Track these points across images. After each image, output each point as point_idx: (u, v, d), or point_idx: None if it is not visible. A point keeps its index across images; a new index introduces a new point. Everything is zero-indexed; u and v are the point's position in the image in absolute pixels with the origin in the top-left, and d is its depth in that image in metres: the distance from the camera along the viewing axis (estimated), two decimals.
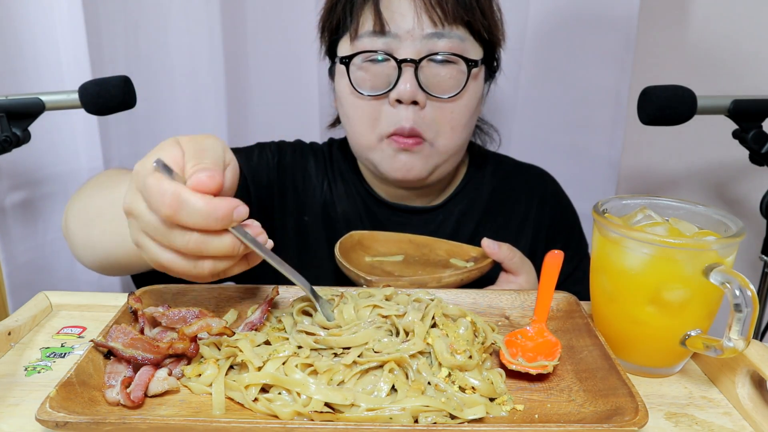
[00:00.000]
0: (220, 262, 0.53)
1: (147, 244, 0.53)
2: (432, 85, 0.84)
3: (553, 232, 1.02)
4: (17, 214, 1.21)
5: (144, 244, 0.53)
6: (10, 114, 0.92)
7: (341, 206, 0.99)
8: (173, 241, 0.51)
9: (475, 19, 0.84)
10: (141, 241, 0.53)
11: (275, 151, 1.01)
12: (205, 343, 0.58)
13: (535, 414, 0.51)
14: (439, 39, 0.83)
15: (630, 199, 0.63)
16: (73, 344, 0.62)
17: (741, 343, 0.50)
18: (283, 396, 0.51)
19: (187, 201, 0.48)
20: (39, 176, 1.23)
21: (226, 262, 0.53)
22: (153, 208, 0.50)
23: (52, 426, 0.45)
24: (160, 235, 0.51)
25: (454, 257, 0.86)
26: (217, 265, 0.53)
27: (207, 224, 0.49)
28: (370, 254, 0.86)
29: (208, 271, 0.52)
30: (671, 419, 0.52)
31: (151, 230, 0.51)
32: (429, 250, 0.88)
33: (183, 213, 0.48)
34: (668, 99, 0.95)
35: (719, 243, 0.54)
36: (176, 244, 0.51)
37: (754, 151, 0.98)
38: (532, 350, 0.58)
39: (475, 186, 1.02)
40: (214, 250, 0.51)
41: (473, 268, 0.78)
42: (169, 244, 0.51)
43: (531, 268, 0.82)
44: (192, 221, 0.49)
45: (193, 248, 0.50)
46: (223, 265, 0.53)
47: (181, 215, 0.49)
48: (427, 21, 0.82)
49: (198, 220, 0.49)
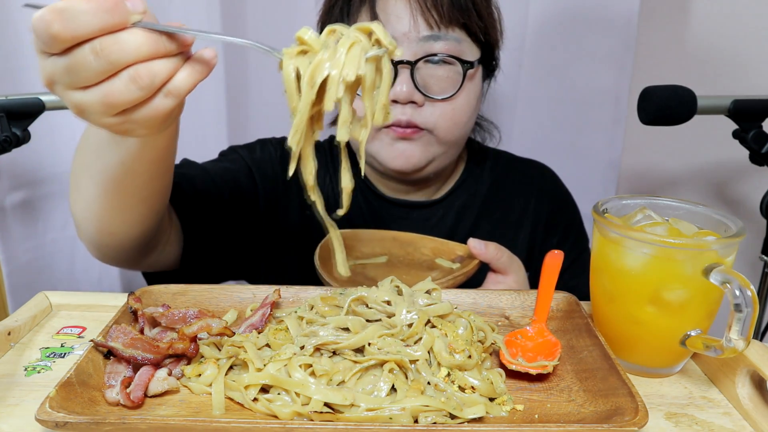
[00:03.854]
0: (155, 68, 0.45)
1: (77, 98, 0.46)
2: (428, 85, 0.85)
3: (551, 224, 1.02)
4: (17, 214, 1.21)
5: (78, 102, 0.46)
6: (10, 114, 0.92)
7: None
8: (85, 64, 0.44)
9: (471, 22, 0.84)
10: (76, 102, 0.47)
11: (277, 146, 1.01)
12: (205, 343, 0.58)
13: (535, 414, 0.51)
14: (436, 41, 0.83)
15: (630, 199, 0.63)
16: (73, 344, 0.62)
17: (741, 343, 0.50)
18: (282, 396, 0.51)
19: (67, 6, 0.42)
20: (39, 176, 1.23)
21: (160, 64, 0.45)
22: (45, 42, 0.44)
23: (51, 426, 0.45)
24: (72, 72, 0.45)
25: (440, 256, 0.85)
26: (153, 71, 0.45)
27: (102, 20, 0.43)
28: (353, 256, 0.84)
29: (149, 78, 0.45)
30: (671, 419, 0.52)
31: (66, 76, 0.45)
32: (414, 248, 0.86)
33: (68, 22, 0.42)
34: (668, 99, 0.95)
35: (719, 243, 0.54)
36: (90, 66, 0.44)
37: (754, 151, 0.98)
38: (532, 350, 0.58)
39: (475, 180, 1.02)
40: (132, 50, 0.44)
41: (459, 274, 0.75)
42: (85, 72, 0.44)
43: (520, 267, 0.81)
44: (83, 24, 0.42)
45: (106, 57, 0.43)
46: (162, 68, 0.46)
47: (68, 24, 0.42)
48: (423, 23, 0.82)
49: (88, 19, 0.42)
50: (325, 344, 0.54)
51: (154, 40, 0.45)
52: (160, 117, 0.48)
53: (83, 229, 0.73)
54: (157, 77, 0.46)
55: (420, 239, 0.87)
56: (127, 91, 0.45)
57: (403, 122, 0.84)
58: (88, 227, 0.72)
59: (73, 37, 0.43)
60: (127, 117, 0.47)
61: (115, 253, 0.75)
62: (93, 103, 0.46)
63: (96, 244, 0.74)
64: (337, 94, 0.47)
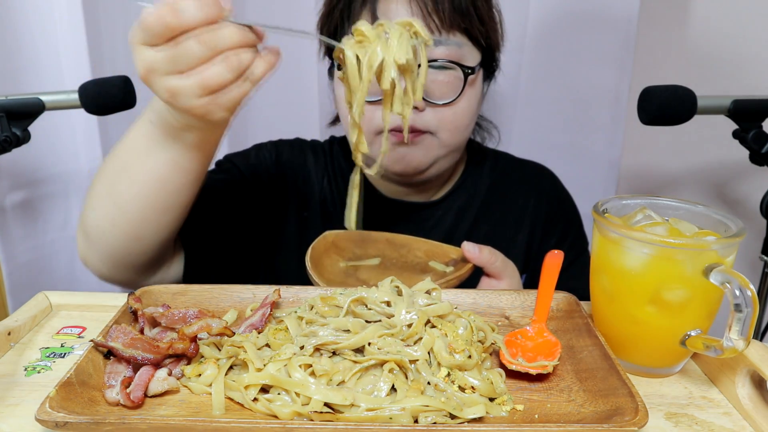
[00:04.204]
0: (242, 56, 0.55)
1: (174, 83, 0.56)
2: (429, 90, 0.84)
3: (550, 225, 1.02)
4: (17, 214, 1.21)
5: (174, 87, 0.56)
6: (10, 114, 0.92)
7: (340, 202, 0.99)
8: (189, 52, 0.54)
9: (472, 26, 0.84)
10: (171, 87, 0.56)
11: (272, 149, 1.02)
12: (205, 343, 0.58)
13: (535, 414, 0.51)
14: (437, 46, 0.83)
15: (630, 199, 0.63)
16: (73, 344, 0.62)
17: (741, 343, 0.50)
18: (282, 396, 0.51)
19: (179, 3, 0.52)
20: (39, 176, 1.23)
21: (245, 53, 0.56)
22: (154, 34, 0.54)
23: (51, 426, 0.45)
24: (176, 60, 0.54)
25: (434, 259, 0.83)
26: (241, 58, 0.55)
27: (205, 13, 0.53)
28: (345, 257, 0.84)
29: (238, 64, 0.55)
30: (671, 419, 0.52)
31: (167, 65, 0.55)
32: (407, 251, 0.85)
33: (179, 14, 0.52)
34: (668, 99, 0.95)
35: (719, 243, 0.54)
36: (195, 52, 0.54)
37: (754, 151, 0.98)
38: (532, 350, 0.58)
39: (474, 181, 1.03)
40: (228, 39, 0.54)
41: (452, 278, 0.75)
42: (189, 59, 0.54)
43: (514, 271, 0.80)
44: (192, 14, 0.53)
45: (209, 45, 0.54)
46: (247, 56, 0.56)
47: (178, 15, 0.52)
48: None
49: (195, 12, 0.53)
50: (324, 344, 0.54)
51: (242, 32, 0.55)
52: (238, 100, 0.58)
53: (103, 238, 0.73)
54: (243, 63, 0.56)
55: (414, 241, 0.85)
56: (221, 74, 0.55)
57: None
58: (113, 233, 0.72)
59: (182, 27, 0.53)
60: (213, 98, 0.57)
61: (128, 266, 0.76)
62: (190, 85, 0.55)
63: (114, 254, 0.74)
64: (392, 75, 0.59)
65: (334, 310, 0.59)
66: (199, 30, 0.54)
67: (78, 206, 1.29)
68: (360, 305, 0.59)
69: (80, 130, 1.23)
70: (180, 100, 0.57)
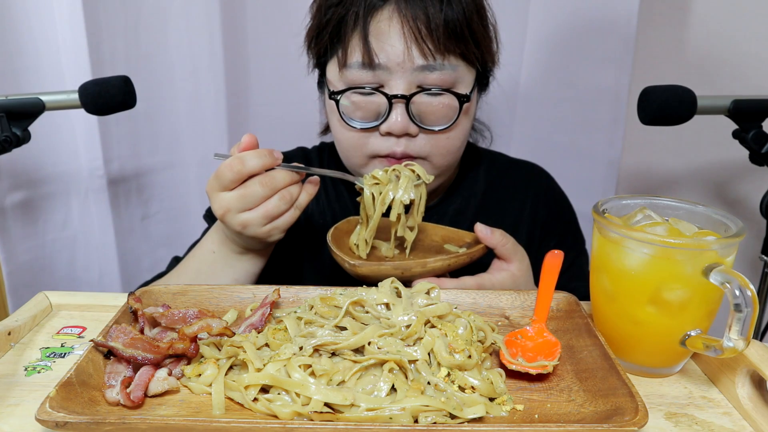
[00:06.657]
0: (292, 190, 0.76)
1: (245, 217, 0.74)
2: (423, 116, 0.83)
3: (548, 227, 1.02)
4: (17, 214, 1.21)
5: (244, 220, 0.74)
6: (10, 114, 0.92)
7: (333, 209, 0.99)
8: (254, 192, 0.73)
9: (468, 50, 0.82)
10: (242, 221, 0.74)
11: None
12: (205, 343, 0.58)
13: (535, 414, 0.51)
14: (431, 72, 0.81)
15: (630, 199, 0.63)
16: (73, 344, 0.62)
17: (741, 343, 0.50)
18: (282, 396, 0.51)
19: (244, 155, 0.73)
20: (39, 176, 1.23)
21: (294, 188, 0.76)
22: (228, 179, 0.72)
23: (52, 426, 0.45)
24: (245, 198, 0.73)
25: (449, 243, 0.87)
26: (291, 193, 0.75)
27: (265, 160, 0.73)
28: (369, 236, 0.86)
29: (290, 197, 0.75)
30: (671, 419, 0.52)
31: (239, 203, 0.73)
32: (425, 235, 0.88)
33: (245, 163, 0.72)
34: (668, 99, 0.95)
35: (719, 243, 0.54)
36: (258, 192, 0.73)
37: (754, 151, 0.98)
38: (532, 350, 0.58)
39: (469, 185, 1.02)
40: (281, 180, 0.74)
41: (462, 254, 0.78)
42: (254, 197, 0.73)
43: (524, 255, 0.81)
44: (254, 163, 0.72)
45: (269, 186, 0.73)
46: (295, 190, 0.76)
47: (245, 164, 0.72)
48: (418, 53, 0.80)
49: (257, 160, 0.73)
50: (323, 345, 0.54)
51: (291, 173, 0.76)
52: (290, 223, 0.77)
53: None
54: (293, 196, 0.76)
55: (432, 227, 0.89)
56: (279, 206, 0.75)
57: (398, 153, 0.84)
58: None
59: (248, 173, 0.73)
60: (273, 225, 0.76)
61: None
62: (256, 217, 0.74)
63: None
64: (399, 210, 0.78)
65: (333, 311, 0.59)
66: (263, 175, 0.73)
67: (78, 206, 1.29)
68: (358, 307, 0.59)
69: (80, 130, 1.23)
70: (249, 230, 0.75)
